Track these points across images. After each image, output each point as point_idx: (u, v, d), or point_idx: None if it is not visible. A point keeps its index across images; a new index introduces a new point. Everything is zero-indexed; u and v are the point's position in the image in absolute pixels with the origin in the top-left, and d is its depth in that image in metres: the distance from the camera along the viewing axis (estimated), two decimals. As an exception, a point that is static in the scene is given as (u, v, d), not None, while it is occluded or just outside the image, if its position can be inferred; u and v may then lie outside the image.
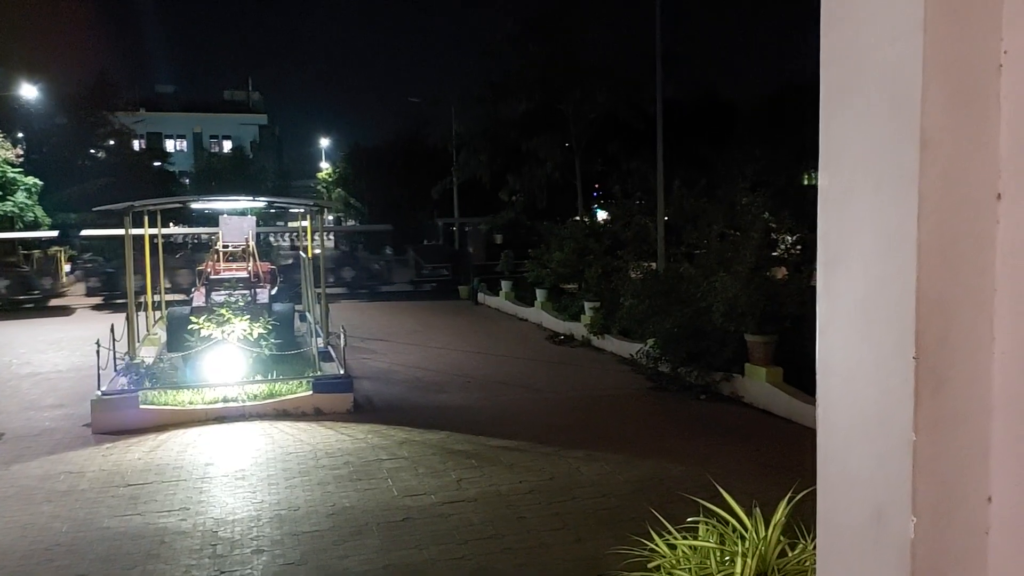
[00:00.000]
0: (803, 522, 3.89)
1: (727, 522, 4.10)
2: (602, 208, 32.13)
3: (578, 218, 24.57)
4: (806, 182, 29.77)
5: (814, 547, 1.95)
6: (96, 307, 24.74)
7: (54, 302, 25.44)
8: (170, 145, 64.27)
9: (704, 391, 11.85)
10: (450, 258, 31.21)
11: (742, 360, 11.52)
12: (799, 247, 13.21)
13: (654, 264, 16.65)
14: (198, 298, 15.21)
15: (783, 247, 13.78)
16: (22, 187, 30.97)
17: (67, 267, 29.63)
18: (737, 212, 13.37)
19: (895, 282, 1.39)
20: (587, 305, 17.30)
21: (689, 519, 4.30)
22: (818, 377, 1.61)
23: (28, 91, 32.96)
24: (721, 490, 4.28)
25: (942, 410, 1.37)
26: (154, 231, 18.46)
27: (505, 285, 23.93)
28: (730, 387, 11.72)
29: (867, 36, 1.45)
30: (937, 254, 1.35)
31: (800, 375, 10.63)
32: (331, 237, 40.95)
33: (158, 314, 18.15)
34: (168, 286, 22.06)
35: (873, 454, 1.46)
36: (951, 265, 1.36)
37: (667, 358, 12.71)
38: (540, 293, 20.74)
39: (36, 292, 24.99)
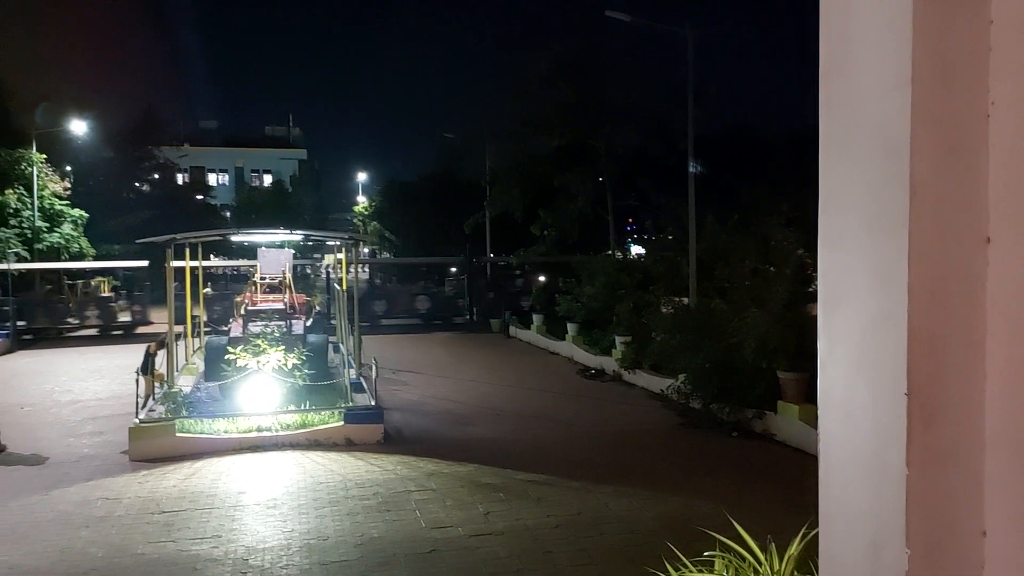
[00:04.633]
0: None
1: (744, 557, 4.11)
2: (635, 243, 32.11)
3: (610, 252, 24.59)
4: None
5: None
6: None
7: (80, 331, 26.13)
8: (212, 179, 65.83)
9: (735, 428, 11.73)
10: None
11: (774, 397, 11.39)
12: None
13: (686, 299, 16.60)
14: (235, 329, 15.52)
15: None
16: (69, 219, 31.95)
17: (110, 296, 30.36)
18: (770, 248, 13.31)
19: (888, 321, 1.45)
20: (618, 339, 17.26)
21: (706, 553, 4.30)
22: (819, 412, 1.66)
23: (77, 126, 34.07)
24: (736, 524, 4.29)
25: (934, 445, 1.42)
26: (195, 263, 18.92)
27: (536, 319, 23.97)
28: (762, 424, 11.59)
29: (860, 89, 1.53)
30: (927, 294, 1.41)
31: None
32: (366, 269, 41.39)
33: (196, 343, 18.52)
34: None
35: (869, 487, 1.50)
36: (941, 305, 1.42)
37: (698, 394, 12.62)
38: (571, 327, 20.74)
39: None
